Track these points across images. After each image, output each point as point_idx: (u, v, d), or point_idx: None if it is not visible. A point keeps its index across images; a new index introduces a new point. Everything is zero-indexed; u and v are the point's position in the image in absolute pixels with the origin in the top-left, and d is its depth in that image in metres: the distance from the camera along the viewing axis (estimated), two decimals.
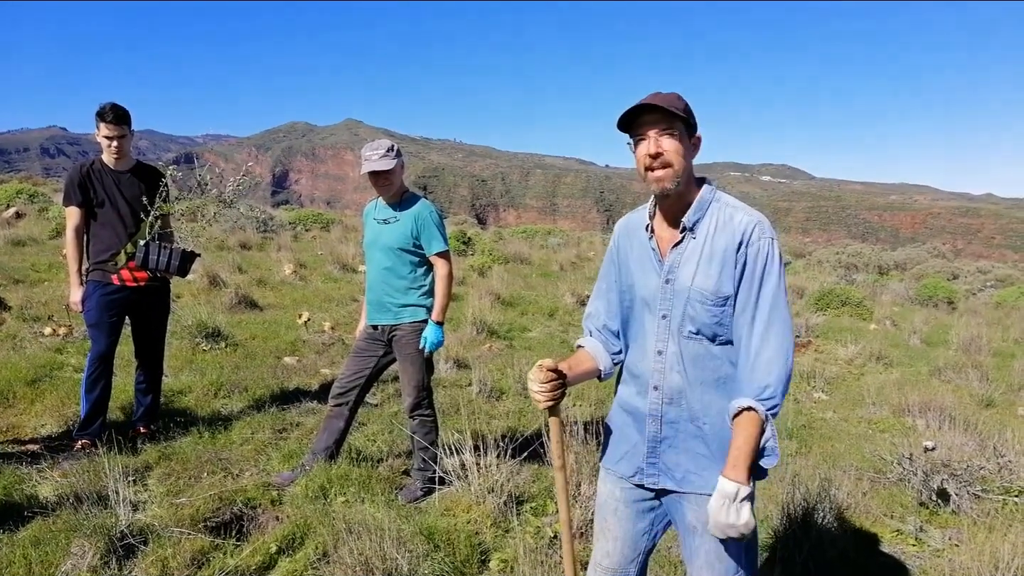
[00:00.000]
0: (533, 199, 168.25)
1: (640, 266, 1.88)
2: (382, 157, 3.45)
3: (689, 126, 1.75)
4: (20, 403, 4.34)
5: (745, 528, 1.67)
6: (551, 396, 1.74)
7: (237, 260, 10.29)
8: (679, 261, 1.79)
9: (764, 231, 1.73)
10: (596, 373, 1.94)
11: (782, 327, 1.71)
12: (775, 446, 1.74)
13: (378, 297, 3.60)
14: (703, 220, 1.78)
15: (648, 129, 1.73)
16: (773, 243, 1.73)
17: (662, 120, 1.72)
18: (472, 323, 7.55)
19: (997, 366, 8.24)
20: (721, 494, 1.68)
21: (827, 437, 5.37)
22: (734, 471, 1.67)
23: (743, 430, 1.69)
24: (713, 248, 1.75)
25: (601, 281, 2.04)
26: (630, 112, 1.73)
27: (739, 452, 1.68)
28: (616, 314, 1.98)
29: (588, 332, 2.04)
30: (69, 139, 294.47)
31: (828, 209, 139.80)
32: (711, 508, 1.69)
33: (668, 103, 1.70)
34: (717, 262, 1.74)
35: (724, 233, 1.75)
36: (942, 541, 3.58)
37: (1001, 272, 22.41)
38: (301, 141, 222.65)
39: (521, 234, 22.90)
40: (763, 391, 1.69)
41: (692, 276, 1.76)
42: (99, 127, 3.72)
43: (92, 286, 3.80)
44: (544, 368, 1.74)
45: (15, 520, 2.97)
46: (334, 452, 3.67)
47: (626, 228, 1.97)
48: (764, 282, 1.72)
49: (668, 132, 1.72)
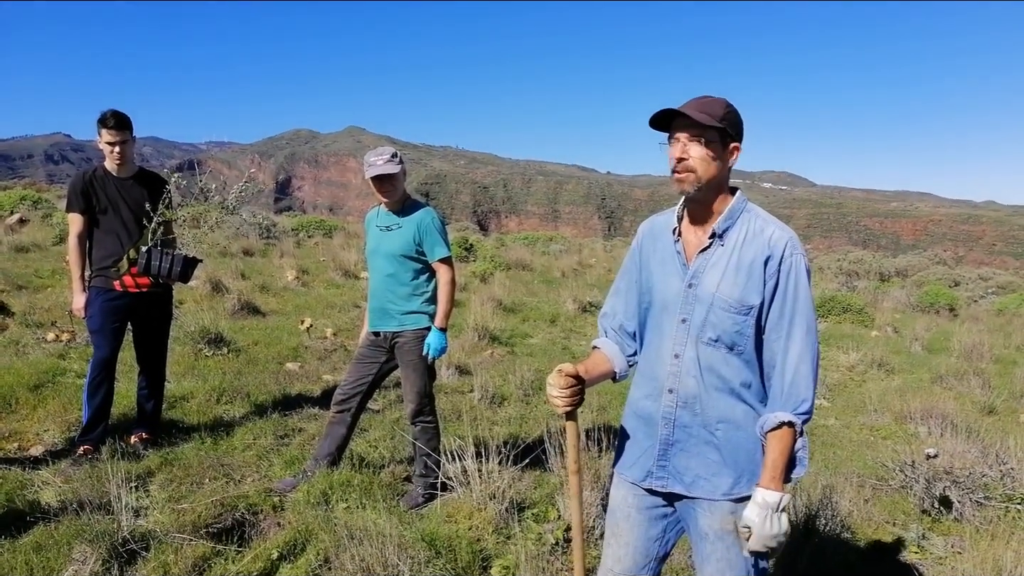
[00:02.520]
0: (535, 206, 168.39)
1: (662, 268, 1.88)
2: (387, 162, 3.47)
3: (725, 135, 1.75)
4: (23, 409, 4.35)
5: (784, 537, 1.70)
6: (570, 402, 1.75)
7: (240, 266, 10.31)
8: (705, 267, 1.80)
9: (796, 247, 1.76)
10: (611, 375, 1.95)
11: (814, 343, 1.75)
12: (804, 456, 1.77)
13: (381, 304, 3.61)
14: (733, 229, 1.80)
15: (678, 132, 1.76)
16: (804, 259, 1.76)
17: (693, 126, 1.73)
18: (474, 329, 7.55)
19: (999, 373, 8.24)
20: (762, 506, 1.69)
21: (829, 444, 5.36)
22: (774, 482, 1.70)
23: (780, 442, 1.72)
24: (741, 258, 1.76)
25: (620, 280, 2.04)
26: (661, 116, 1.76)
27: (777, 463, 1.71)
28: (634, 314, 1.98)
29: (603, 331, 2.04)
30: (73, 146, 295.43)
31: (829, 216, 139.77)
32: (753, 522, 1.69)
33: (701, 111, 1.72)
34: (744, 272, 1.75)
35: (753, 244, 1.76)
36: (945, 549, 3.57)
37: (1002, 279, 22.38)
38: (304, 148, 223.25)
39: (523, 240, 22.94)
40: (800, 405, 1.72)
41: (718, 283, 1.77)
42: (101, 133, 3.74)
43: (95, 292, 3.81)
44: (564, 373, 1.74)
45: (17, 526, 2.97)
46: (336, 458, 3.67)
47: (651, 229, 1.97)
48: (797, 298, 1.74)
49: (697, 138, 1.73)
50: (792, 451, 1.73)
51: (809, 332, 1.74)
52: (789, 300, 1.74)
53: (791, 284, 1.74)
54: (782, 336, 1.75)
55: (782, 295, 1.74)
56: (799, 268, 1.74)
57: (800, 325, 1.74)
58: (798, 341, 1.74)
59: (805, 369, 1.73)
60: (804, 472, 1.78)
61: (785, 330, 1.75)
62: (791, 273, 1.74)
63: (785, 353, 1.74)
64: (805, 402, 1.72)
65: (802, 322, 1.74)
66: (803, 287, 1.74)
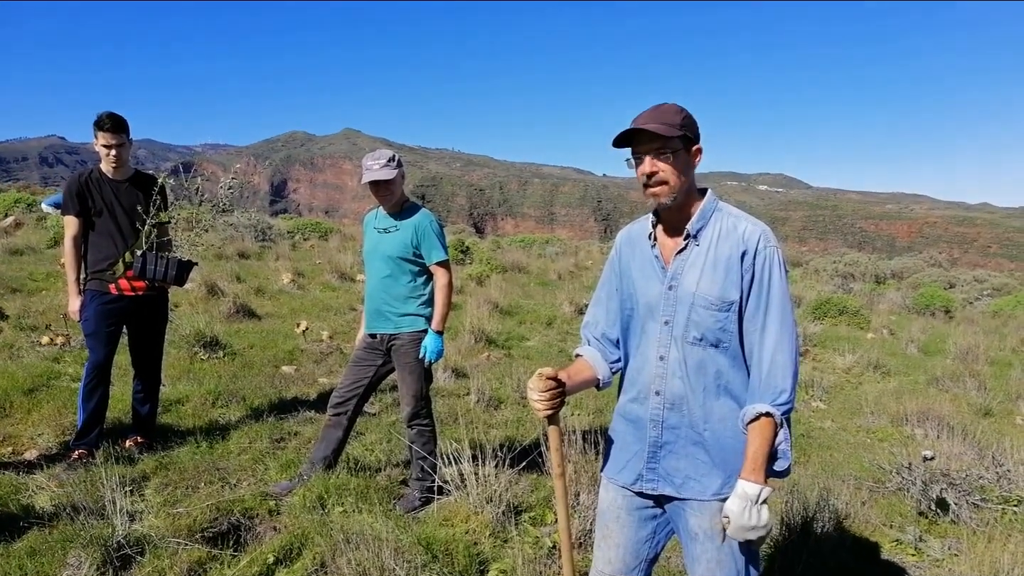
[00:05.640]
0: (531, 208, 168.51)
1: (642, 273, 1.90)
2: (383, 167, 3.46)
3: (687, 140, 1.78)
4: (17, 412, 4.32)
5: (764, 530, 1.69)
6: (550, 404, 1.75)
7: (235, 269, 10.29)
8: (683, 268, 1.82)
9: (769, 240, 1.79)
10: (595, 382, 1.95)
11: (791, 333, 1.77)
12: (787, 449, 1.78)
13: (377, 306, 3.60)
14: (706, 228, 1.83)
15: (643, 150, 1.78)
16: (777, 251, 1.79)
17: (656, 140, 1.75)
18: (470, 332, 7.55)
19: (995, 375, 8.26)
20: (742, 497, 1.69)
21: (825, 446, 5.37)
22: (754, 474, 1.71)
23: (759, 434, 1.72)
24: (717, 255, 1.79)
25: (600, 290, 2.06)
26: (623, 135, 1.77)
27: (757, 455, 1.72)
28: (616, 322, 1.99)
29: (586, 341, 2.05)
30: (68, 148, 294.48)
31: (825, 218, 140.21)
32: (732, 512, 1.70)
33: (661, 123, 1.73)
34: (722, 269, 1.78)
35: (728, 241, 1.79)
36: (941, 551, 3.58)
37: (998, 281, 22.44)
38: (300, 150, 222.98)
39: (519, 243, 22.95)
40: (779, 396, 1.74)
41: (696, 282, 1.79)
42: (97, 136, 3.73)
43: (90, 295, 3.79)
44: (543, 376, 1.75)
45: (11, 531, 2.95)
46: (332, 462, 3.66)
47: (628, 237, 2.00)
48: (772, 290, 1.76)
49: (662, 154, 1.76)
50: (773, 443, 1.73)
51: (784, 322, 1.76)
52: (764, 292, 1.77)
53: (766, 275, 1.77)
54: (758, 328, 1.77)
55: (758, 287, 1.77)
56: (773, 260, 1.77)
57: (775, 315, 1.76)
58: (773, 332, 1.75)
59: (782, 359, 1.74)
60: (787, 465, 1.78)
61: (760, 321, 1.77)
62: (766, 265, 1.77)
63: (762, 344, 1.76)
64: (784, 392, 1.73)
65: (777, 312, 1.76)
66: (777, 278, 1.77)
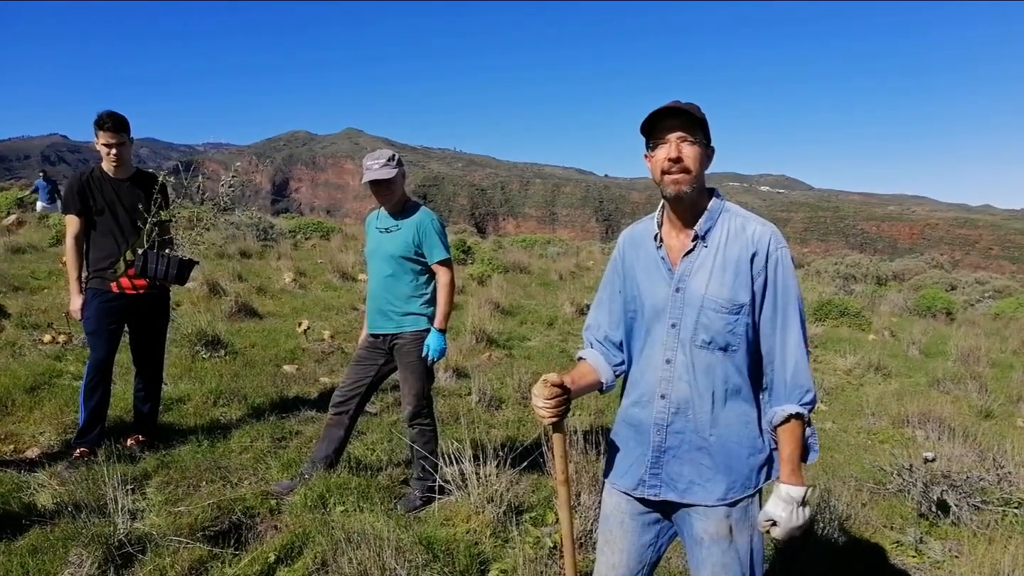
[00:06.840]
0: (532, 208, 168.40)
1: (648, 275, 1.88)
2: (383, 167, 3.46)
3: (707, 136, 1.79)
4: (19, 411, 4.33)
5: (807, 525, 1.74)
6: (556, 412, 1.73)
7: (237, 268, 10.28)
8: (691, 270, 1.80)
9: (779, 241, 1.79)
10: (598, 386, 1.94)
11: (805, 332, 1.80)
12: (815, 443, 1.81)
13: (380, 306, 3.60)
14: (714, 229, 1.81)
15: (669, 134, 1.76)
16: (787, 252, 1.80)
17: (684, 126, 1.74)
18: (472, 332, 7.55)
19: (996, 377, 8.26)
20: (787, 501, 1.72)
21: (826, 448, 5.36)
22: (794, 476, 1.74)
23: (791, 436, 1.75)
24: (726, 257, 1.78)
25: (602, 291, 2.03)
26: (655, 115, 1.76)
27: (793, 457, 1.75)
28: (619, 324, 1.97)
29: (588, 343, 2.03)
30: (70, 147, 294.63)
31: (826, 219, 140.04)
32: (780, 517, 1.72)
33: (691, 109, 1.75)
34: (731, 271, 1.77)
35: (737, 242, 1.78)
36: (942, 552, 3.58)
37: (999, 283, 22.42)
38: (301, 150, 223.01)
39: (520, 243, 22.93)
40: (804, 395, 1.76)
41: (706, 284, 1.78)
42: (98, 135, 3.73)
43: (91, 294, 3.80)
44: (549, 383, 1.72)
45: (13, 529, 2.96)
46: (333, 461, 3.66)
47: (631, 238, 1.97)
48: (788, 291, 1.78)
49: (689, 138, 1.75)
50: (804, 440, 1.77)
51: (801, 323, 1.79)
52: (780, 294, 1.77)
53: (780, 277, 1.77)
54: (777, 329, 1.78)
55: (773, 289, 1.77)
56: (786, 261, 1.78)
57: (794, 317, 1.77)
58: (794, 333, 1.77)
59: (802, 359, 1.77)
60: (816, 457, 1.81)
61: (780, 323, 1.77)
62: (779, 267, 1.77)
63: (783, 346, 1.77)
64: (809, 392, 1.76)
65: (795, 314, 1.77)
66: (791, 279, 1.78)
